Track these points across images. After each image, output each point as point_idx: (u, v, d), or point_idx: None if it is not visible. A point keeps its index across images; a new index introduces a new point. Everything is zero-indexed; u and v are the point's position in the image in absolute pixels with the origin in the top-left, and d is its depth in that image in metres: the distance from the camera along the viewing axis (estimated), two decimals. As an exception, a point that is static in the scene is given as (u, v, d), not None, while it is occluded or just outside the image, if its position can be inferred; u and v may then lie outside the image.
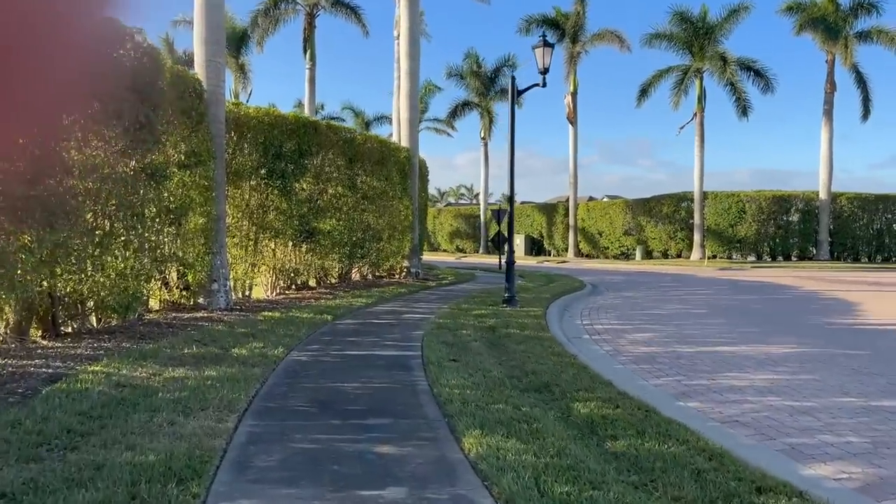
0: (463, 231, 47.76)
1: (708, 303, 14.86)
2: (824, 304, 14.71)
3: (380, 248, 15.75)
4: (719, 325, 11.15)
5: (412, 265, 17.83)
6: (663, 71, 35.62)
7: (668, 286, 19.83)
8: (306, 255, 13.73)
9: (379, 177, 15.28)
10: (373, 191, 15.09)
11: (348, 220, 14.54)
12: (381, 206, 15.42)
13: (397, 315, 10.80)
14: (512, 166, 12.07)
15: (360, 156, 14.67)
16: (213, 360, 6.59)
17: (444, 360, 6.73)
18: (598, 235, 39.45)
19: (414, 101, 17.64)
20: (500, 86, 42.84)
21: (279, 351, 7.12)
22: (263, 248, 12.92)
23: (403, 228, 16.71)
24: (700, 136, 34.63)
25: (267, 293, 13.22)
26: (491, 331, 8.87)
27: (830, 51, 33.35)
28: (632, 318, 11.90)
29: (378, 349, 7.67)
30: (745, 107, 33.74)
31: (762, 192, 34.97)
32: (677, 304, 14.63)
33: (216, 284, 10.90)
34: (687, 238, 35.72)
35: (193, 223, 10.02)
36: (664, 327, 10.78)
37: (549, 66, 11.54)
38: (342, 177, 14.18)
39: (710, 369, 7.53)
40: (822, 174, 34.14)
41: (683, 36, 34.14)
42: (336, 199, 14.14)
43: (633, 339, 9.53)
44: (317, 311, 10.50)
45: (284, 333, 8.25)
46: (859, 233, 34.96)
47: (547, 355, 7.22)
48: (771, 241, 34.63)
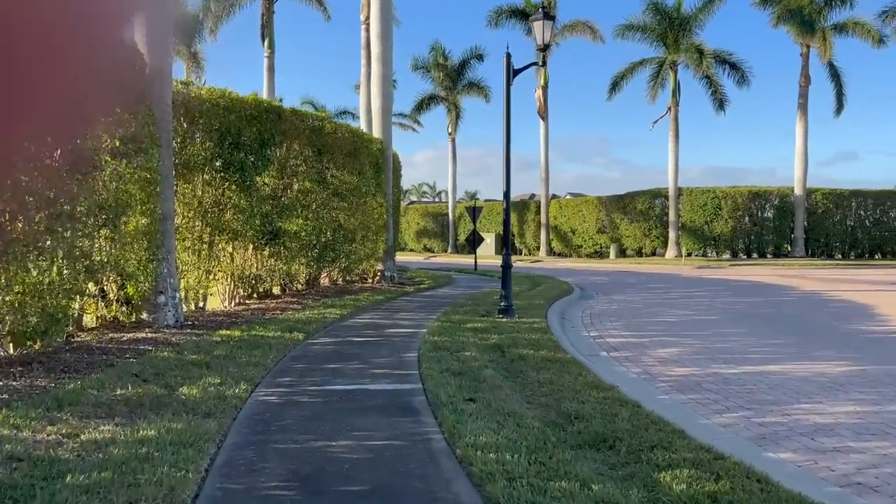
0: (431, 230, 46.25)
1: (713, 307, 13.65)
2: (837, 308, 13.62)
3: (352, 250, 14.15)
4: (743, 335, 9.87)
5: (387, 268, 16.26)
6: (636, 63, 34.66)
7: (657, 287, 18.66)
8: (270, 259, 12.07)
9: (351, 171, 13.68)
10: (344, 186, 13.48)
11: (317, 218, 12.91)
12: (353, 204, 13.82)
13: (380, 330, 9.25)
14: (507, 155, 10.62)
15: (330, 147, 13.04)
16: (153, 406, 4.98)
17: (457, 398, 5.23)
18: (571, 233, 38.35)
19: (387, 87, 16.07)
20: (468, 79, 41.50)
21: (241, 389, 5.52)
22: (220, 253, 11.24)
23: (377, 228, 15.14)
24: (674, 130, 33.75)
25: (224, 304, 11.52)
26: (499, 351, 7.39)
27: (806, 43, 32.76)
28: (642, 329, 10.56)
29: (367, 380, 6.12)
30: (721, 100, 32.97)
31: (737, 188, 34.27)
32: (681, 309, 13.38)
33: (163, 297, 9.19)
34: (662, 236, 34.83)
35: (133, 224, 8.31)
36: (685, 339, 9.46)
37: (549, 42, 10.11)
38: (310, 170, 12.55)
39: (772, 398, 6.18)
40: (796, 169, 33.57)
41: (658, 27, 33.18)
42: (303, 196, 12.51)
43: (659, 357, 8.15)
44: (285, 326, 8.89)
45: (247, 361, 6.64)
46: (833, 229, 34.52)
47: (581, 387, 5.76)
48: (746, 238, 33.95)
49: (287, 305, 11.60)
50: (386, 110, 16.15)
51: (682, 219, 33.81)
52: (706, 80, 32.71)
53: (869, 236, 34.87)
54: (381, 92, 16.00)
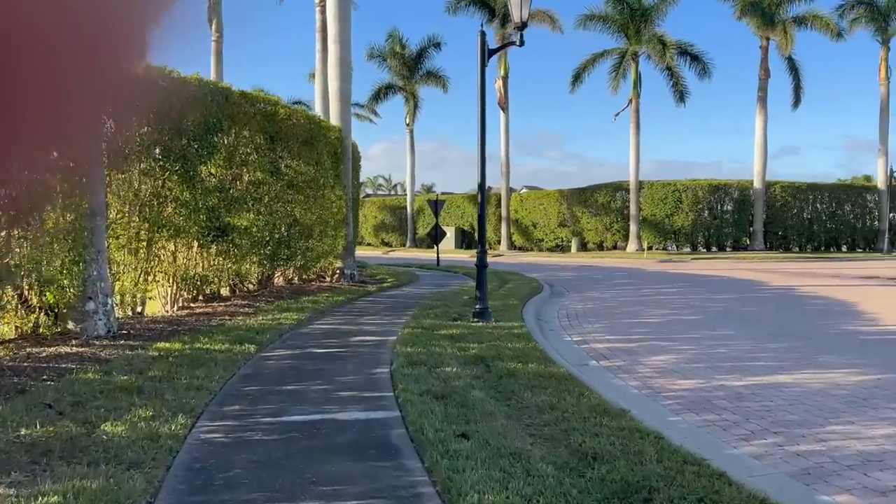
0: (389, 224, 45.13)
1: (691, 305, 13.02)
2: (818, 306, 13.13)
3: (309, 246, 13.06)
4: (735, 339, 9.19)
5: (346, 266, 15.21)
6: (598, 54, 34.17)
7: (626, 284, 18.05)
8: (217, 258, 10.92)
9: (307, 160, 12.58)
10: (300, 177, 12.38)
11: (270, 213, 11.80)
12: (309, 196, 12.73)
13: (344, 338, 8.25)
14: (482, 144, 9.70)
15: (284, 134, 11.93)
16: (65, 453, 3.94)
17: (446, 433, 4.30)
18: (532, 227, 37.76)
19: (346, 70, 14.98)
20: (426, 69, 40.44)
21: (179, 424, 4.49)
22: (160, 252, 10.06)
23: (336, 223, 14.07)
24: (636, 122, 33.37)
25: (166, 308, 10.35)
26: (483, 365, 6.48)
27: (766, 36, 32.71)
28: (626, 331, 9.80)
29: (334, 407, 5.14)
30: (682, 92, 32.72)
31: (697, 181, 34.12)
32: (659, 308, 12.70)
33: (92, 303, 8.02)
34: (623, 229, 34.49)
35: (54, 220, 7.14)
36: (676, 344, 8.72)
37: (526, 20, 9.22)
38: (262, 160, 11.42)
39: (797, 418, 5.43)
40: (756, 162, 33.56)
41: (619, 18, 32.70)
42: (255, 188, 11.38)
43: (655, 367, 7.37)
44: (234, 336, 7.82)
45: (188, 384, 5.59)
46: (791, 222, 34.68)
47: (587, 413, 4.89)
48: (706, 231, 33.84)
49: (237, 309, 10.50)
50: (344, 95, 15.07)
51: (642, 212, 33.50)
52: (668, 72, 32.39)
53: (825, 229, 35.18)
54: (339, 75, 14.91)
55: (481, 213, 9.92)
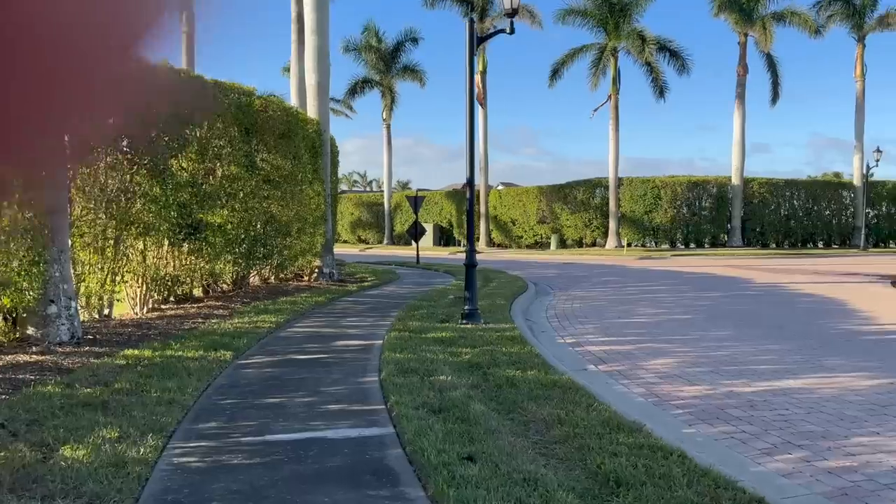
0: (366, 220, 44.50)
1: (681, 304, 12.72)
2: (810, 304, 12.91)
3: (287, 245, 12.51)
4: (734, 340, 8.87)
5: (325, 264, 14.68)
6: (577, 49, 33.90)
7: (611, 282, 17.76)
8: (189, 256, 10.35)
9: (284, 154, 12.02)
10: (277, 172, 11.83)
11: (246, 209, 11.24)
12: (287, 192, 12.18)
13: (327, 342, 7.76)
14: (471, 136, 9.27)
15: (260, 126, 11.37)
16: (16, 486, 3.44)
17: (449, 454, 3.86)
18: (512, 224, 37.44)
19: (324, 61, 14.44)
20: (403, 63, 39.87)
21: (148, 447, 4.00)
22: (129, 250, 9.47)
23: (315, 220, 13.54)
24: (615, 119, 33.18)
25: (135, 310, 9.76)
26: (479, 373, 6.05)
27: (744, 32, 32.70)
28: (619, 332, 9.44)
29: (321, 424, 4.67)
30: (661, 88, 32.57)
31: (676, 177, 34.07)
32: (648, 307, 12.38)
33: (54, 307, 7.44)
34: (602, 226, 34.32)
35: (9, 218, 6.56)
36: (674, 346, 8.37)
37: (517, 6, 8.79)
38: (237, 153, 10.86)
39: (818, 429, 5.08)
40: (734, 158, 33.58)
41: (598, 12, 32.45)
42: (229, 183, 10.82)
43: (657, 371, 7.00)
44: (208, 342, 7.30)
45: (159, 397, 5.08)
46: (769, 218, 34.79)
47: (600, 428, 4.48)
48: (685, 227, 33.80)
49: (211, 311, 9.95)
50: (322, 87, 14.52)
51: (622, 209, 33.34)
52: (647, 67, 32.22)
53: (801, 226, 35.35)
54: (317, 66, 14.36)
55: (469, 209, 9.48)
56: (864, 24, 34.55)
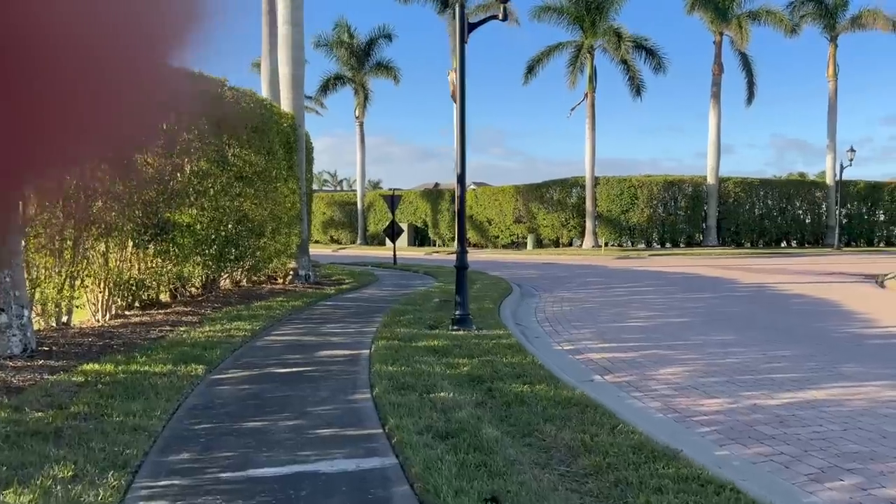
0: (338, 220, 43.63)
1: (672, 306, 12.30)
2: (805, 305, 12.57)
3: (261, 245, 11.80)
4: (738, 344, 8.42)
5: (301, 266, 13.97)
6: (553, 47, 33.53)
7: (595, 282, 17.33)
8: (155, 259, 9.61)
9: (258, 149, 11.31)
10: (250, 168, 11.11)
11: (216, 208, 10.52)
12: (260, 190, 11.47)
13: (309, 353, 7.11)
14: (462, 129, 8.69)
15: (232, 120, 10.65)
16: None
17: (469, 494, 3.28)
18: (488, 224, 36.96)
19: (298, 52, 13.74)
20: (376, 59, 39.17)
21: (109, 489, 3.36)
22: (89, 253, 8.71)
23: (290, 219, 12.83)
24: (591, 117, 32.88)
25: (97, 317, 9.00)
26: (483, 388, 5.46)
27: (719, 31, 32.64)
28: (617, 338, 8.94)
29: (312, 454, 4.04)
30: (638, 86, 32.35)
31: (652, 176, 33.92)
32: (640, 309, 11.93)
33: (4, 316, 6.70)
34: (579, 225, 34.03)
35: (-51, 216, 5.79)
36: (679, 353, 7.88)
37: (511, -9, 8.23)
38: (206, 147, 10.14)
39: (864, 449, 4.61)
40: (709, 158, 33.51)
41: (574, 10, 32.11)
42: (199, 180, 10.09)
43: (669, 382, 6.49)
44: (177, 353, 6.61)
45: (122, 422, 4.41)
46: (743, 218, 34.82)
47: (634, 457, 3.93)
48: (661, 227, 33.65)
49: (179, 318, 9.22)
50: (297, 79, 13.82)
51: (598, 208, 33.06)
52: (623, 66, 31.97)
53: (776, 225, 35.45)
54: (291, 58, 13.65)
55: (460, 207, 8.91)
56: (837, 25, 34.77)
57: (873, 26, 33.76)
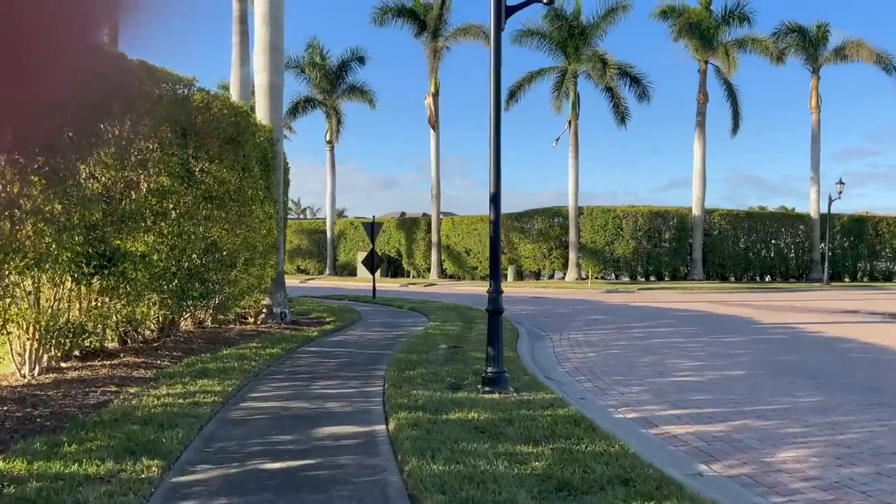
0: (306, 249, 41.43)
1: (711, 353, 10.69)
2: (861, 351, 11.06)
3: (231, 279, 9.85)
4: (836, 407, 6.79)
5: (276, 303, 12.03)
6: (535, 73, 32.36)
7: (601, 320, 15.72)
8: (101, 297, 7.64)
9: (231, 165, 9.44)
10: (221, 187, 9.23)
11: (179, 234, 8.59)
12: (233, 213, 9.57)
13: (303, 430, 5.23)
14: (497, 141, 6.99)
15: (201, 128, 8.79)
16: None
17: None
18: (466, 254, 35.26)
19: (278, 58, 11.98)
20: (349, 83, 37.60)
21: None
22: (14, 290, 6.72)
23: (266, 248, 10.93)
24: (574, 145, 31.68)
25: (22, 371, 6.98)
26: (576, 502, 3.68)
27: (704, 59, 31.88)
28: (680, 398, 7.24)
29: None
30: (623, 114, 31.30)
31: (636, 207, 32.81)
32: (677, 356, 10.31)
33: None
34: (562, 257, 32.57)
35: None
36: (778, 425, 6.19)
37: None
38: (169, 159, 8.24)
39: None
40: (695, 189, 32.51)
41: (557, 35, 31.03)
42: (158, 199, 8.18)
43: (803, 475, 4.77)
44: (122, 436, 4.70)
45: None
46: (728, 251, 33.82)
47: None
48: (646, 259, 32.40)
49: (129, 372, 7.26)
50: (275, 88, 12.02)
51: (582, 239, 31.68)
52: (608, 93, 30.90)
53: (759, 258, 34.52)
54: (270, 64, 11.87)
55: (495, 233, 7.17)
56: (819, 56, 34.39)
57: (857, 58, 33.44)
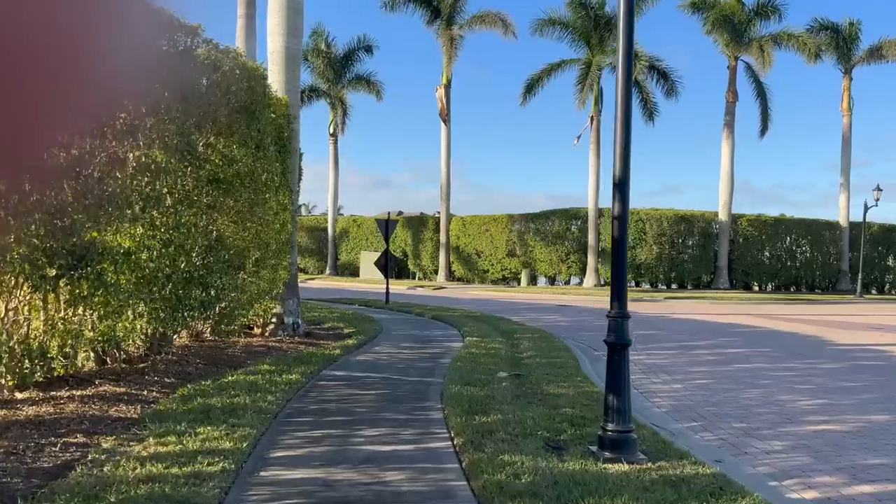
0: (305, 247, 39.40)
1: (823, 386, 8.84)
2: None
3: (240, 284, 7.92)
4: None
5: (287, 311, 10.11)
6: (555, 65, 30.51)
7: (650, 336, 13.87)
8: (70, 308, 5.72)
9: (243, 141, 7.52)
10: (231, 168, 7.31)
11: (176, 225, 6.67)
12: (244, 202, 7.65)
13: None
14: (627, 114, 5.11)
15: (207, 91, 6.86)
16: None
17: None
18: (477, 256, 33.35)
19: (297, 20, 10.06)
20: (355, 72, 35.67)
21: None
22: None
23: (280, 246, 9.01)
24: (596, 143, 29.83)
25: (-49, 412, 5.05)
26: None
27: (734, 55, 30.09)
28: (848, 460, 5.39)
29: None
30: (651, 111, 29.47)
31: (660, 210, 30.96)
32: (782, 389, 8.46)
33: None
34: (580, 261, 30.70)
35: None
36: None
37: None
38: (165, 130, 6.31)
39: None
40: (722, 193, 30.70)
41: (581, 25, 29.18)
42: (149, 179, 6.25)
43: None
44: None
45: None
46: (755, 259, 32.02)
47: None
48: (670, 266, 30.56)
49: (105, 410, 5.37)
50: (293, 56, 10.10)
51: (602, 243, 29.85)
52: (636, 88, 29.04)
53: (786, 268, 32.75)
54: (286, 26, 9.95)
55: (620, 233, 5.30)
56: (852, 56, 32.68)
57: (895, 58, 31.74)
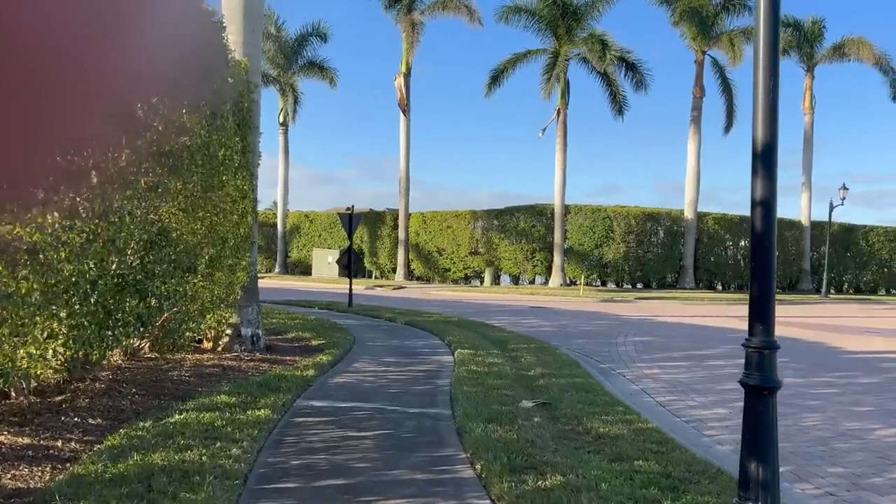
0: (252, 243, 37.21)
1: (874, 404, 7.66)
2: None
3: (189, 290, 6.18)
4: None
5: (245, 321, 8.38)
6: (521, 55, 29.23)
7: (648, 343, 12.63)
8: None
9: (196, 107, 5.80)
10: (178, 138, 5.59)
11: (103, 213, 4.93)
12: (195, 185, 5.93)
13: None
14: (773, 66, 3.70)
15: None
16: None
17: None
18: (437, 254, 31.84)
19: (260, -32, 8.33)
20: (308, 58, 33.69)
21: None
22: None
23: (238, 242, 7.30)
24: (563, 137, 28.71)
25: None
26: None
27: (702, 49, 29.39)
28: None
29: None
30: (621, 105, 28.46)
31: (627, 207, 30.05)
32: (837, 413, 7.21)
33: None
34: (546, 260, 29.52)
35: None
36: None
37: None
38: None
39: None
40: (687, 191, 29.98)
41: (548, 14, 27.96)
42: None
43: None
44: None
45: None
46: (720, 258, 31.46)
47: None
48: (637, 264, 29.68)
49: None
50: (253, 12, 8.38)
51: (569, 241, 28.72)
52: (604, 80, 28.01)
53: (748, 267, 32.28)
54: (248, -24, 8.21)
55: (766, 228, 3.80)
56: (815, 54, 32.47)
57: (857, 56, 31.60)
